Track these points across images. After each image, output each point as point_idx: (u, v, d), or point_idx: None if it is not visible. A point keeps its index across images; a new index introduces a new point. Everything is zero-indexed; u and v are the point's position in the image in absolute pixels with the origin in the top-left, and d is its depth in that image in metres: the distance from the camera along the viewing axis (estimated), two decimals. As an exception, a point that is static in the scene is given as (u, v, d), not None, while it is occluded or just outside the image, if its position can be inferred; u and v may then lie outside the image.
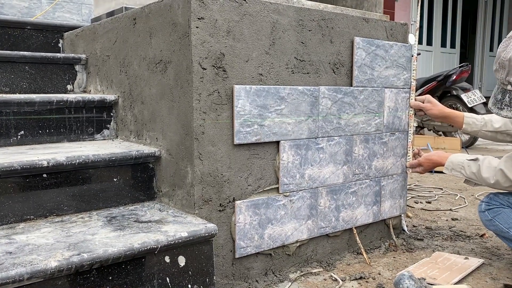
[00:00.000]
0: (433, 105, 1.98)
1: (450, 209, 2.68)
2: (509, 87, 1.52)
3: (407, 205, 2.65)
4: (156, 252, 1.25)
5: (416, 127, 4.99)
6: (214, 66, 1.45)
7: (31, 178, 1.40)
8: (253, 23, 1.53)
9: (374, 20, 1.91)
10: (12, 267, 1.03)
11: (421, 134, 5.36)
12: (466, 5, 9.58)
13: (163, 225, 1.36)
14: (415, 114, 2.10)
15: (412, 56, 2.05)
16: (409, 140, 2.08)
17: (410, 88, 2.06)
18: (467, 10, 9.77)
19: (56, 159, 1.41)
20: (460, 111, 3.08)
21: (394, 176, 2.06)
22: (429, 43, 8.90)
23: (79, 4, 3.64)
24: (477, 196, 2.99)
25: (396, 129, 2.04)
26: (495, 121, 1.86)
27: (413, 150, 2.09)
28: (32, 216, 1.41)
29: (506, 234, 1.73)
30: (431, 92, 5.10)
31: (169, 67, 1.53)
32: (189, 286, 1.32)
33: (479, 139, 5.17)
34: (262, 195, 1.61)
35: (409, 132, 2.08)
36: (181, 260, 1.31)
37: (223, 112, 1.48)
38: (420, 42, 8.53)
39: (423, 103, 2.01)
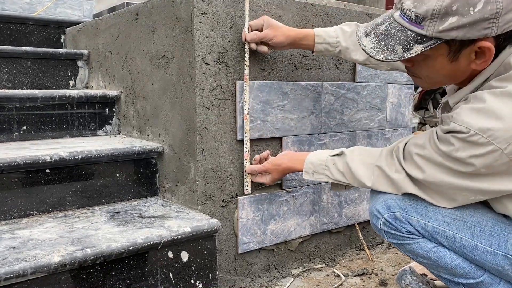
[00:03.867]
0: (275, 30, 1.41)
1: (452, 206, 2.67)
2: (396, 14, 1.05)
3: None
4: (159, 247, 1.25)
5: (418, 123, 4.97)
6: (217, 61, 1.44)
7: (34, 174, 1.40)
8: (256, 18, 1.52)
9: (377, 15, 1.90)
10: (16, 262, 1.03)
11: (422, 130, 5.35)
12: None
13: (166, 220, 1.36)
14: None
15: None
16: (245, 139, 1.48)
17: (413, 83, 2.05)
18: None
19: (59, 154, 1.41)
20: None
21: (396, 172, 2.05)
22: (431, 39, 8.86)
23: (80, -1, 3.63)
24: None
25: (399, 125, 2.03)
26: (356, 54, 1.48)
27: (260, 154, 1.52)
28: (35, 211, 1.41)
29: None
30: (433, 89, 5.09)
31: (171, 63, 1.53)
32: (192, 281, 1.32)
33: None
34: (264, 191, 1.61)
35: (245, 136, 1.48)
36: (184, 256, 1.31)
37: (226, 108, 1.48)
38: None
39: (261, 30, 1.43)
